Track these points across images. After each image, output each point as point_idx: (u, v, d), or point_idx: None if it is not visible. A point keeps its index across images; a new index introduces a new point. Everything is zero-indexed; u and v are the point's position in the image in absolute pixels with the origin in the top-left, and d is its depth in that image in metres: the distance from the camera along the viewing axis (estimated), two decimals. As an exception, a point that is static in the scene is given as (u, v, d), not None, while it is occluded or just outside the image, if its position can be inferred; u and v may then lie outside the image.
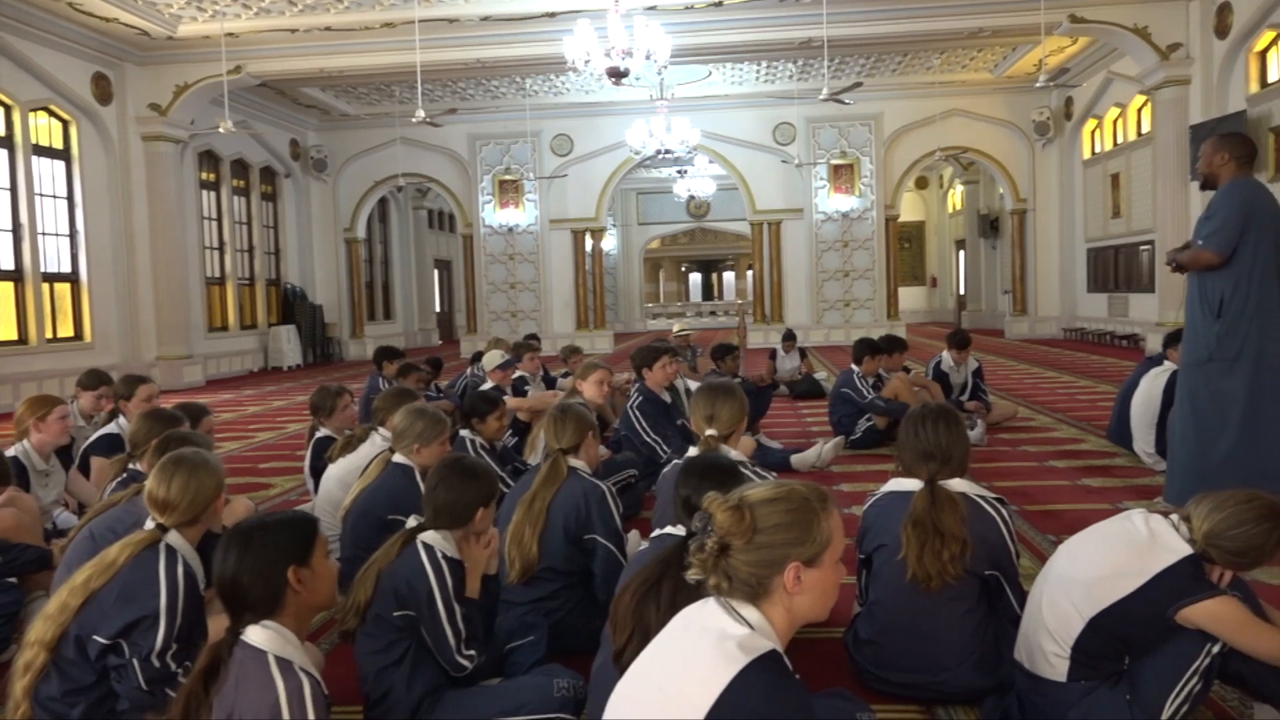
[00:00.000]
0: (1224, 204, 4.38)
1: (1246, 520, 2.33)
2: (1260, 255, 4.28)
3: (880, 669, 2.85)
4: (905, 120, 18.93)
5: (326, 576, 2.10)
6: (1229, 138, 4.59)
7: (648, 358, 5.96)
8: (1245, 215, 4.29)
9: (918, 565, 2.69)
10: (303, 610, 2.05)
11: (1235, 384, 4.33)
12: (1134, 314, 16.20)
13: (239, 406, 11.83)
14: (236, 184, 17.86)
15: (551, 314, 20.18)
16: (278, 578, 1.98)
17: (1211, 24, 12.87)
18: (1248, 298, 4.27)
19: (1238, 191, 4.39)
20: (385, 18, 13.22)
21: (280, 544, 2.01)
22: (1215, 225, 4.35)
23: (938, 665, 2.75)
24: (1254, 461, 4.30)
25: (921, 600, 2.74)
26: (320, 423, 5.12)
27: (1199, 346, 4.47)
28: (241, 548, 1.99)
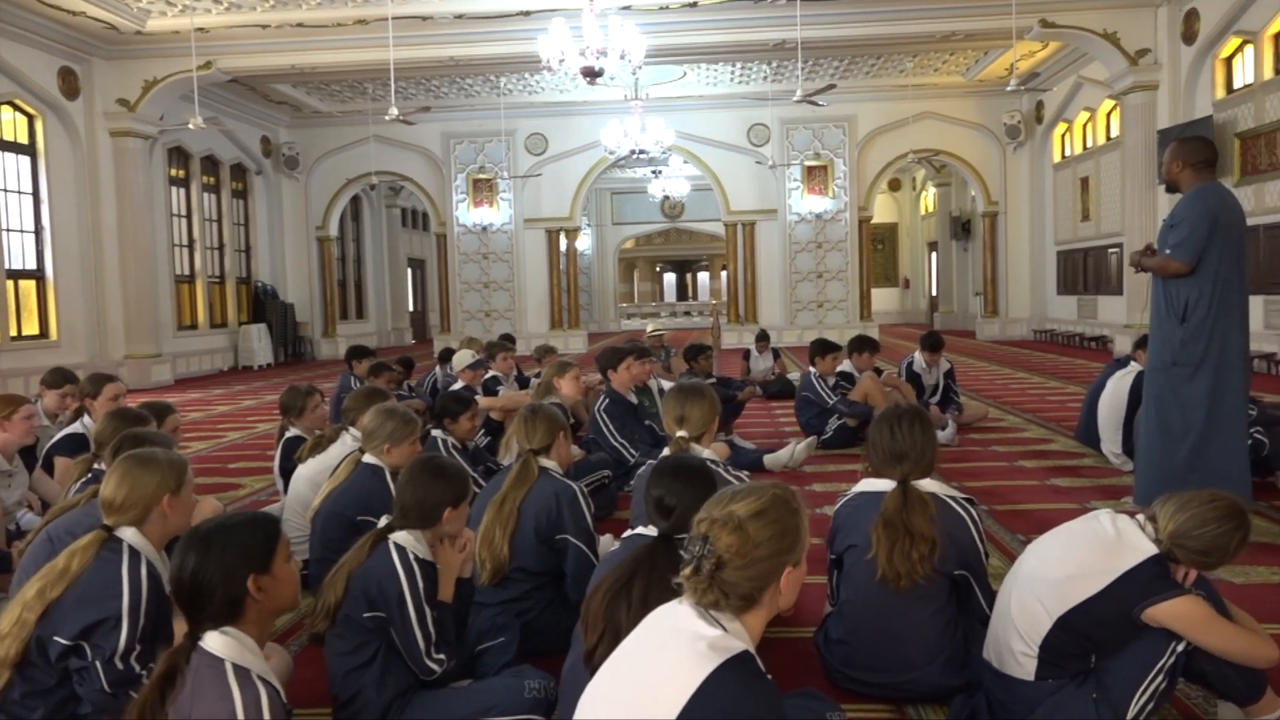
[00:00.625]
0: (1189, 212, 4.42)
1: (1210, 520, 2.36)
2: (1224, 262, 4.34)
3: (851, 668, 2.86)
4: (878, 122, 19.05)
5: (288, 581, 2.04)
6: (1187, 143, 4.64)
7: (612, 359, 5.95)
8: (1210, 223, 4.34)
9: (887, 565, 2.71)
10: (263, 616, 1.99)
11: (1198, 388, 4.39)
12: (1103, 316, 16.40)
13: (208, 406, 11.70)
14: (207, 181, 17.67)
15: (526, 314, 20.13)
16: (237, 586, 1.91)
17: (1179, 30, 13.06)
18: (1211, 304, 4.33)
19: (1202, 199, 4.43)
20: (358, 14, 13.12)
21: (240, 550, 1.94)
22: (1182, 234, 4.39)
23: (907, 664, 2.76)
24: (1214, 464, 4.36)
25: (892, 600, 2.75)
26: (290, 423, 5.07)
27: (1164, 350, 4.52)
28: (200, 553, 1.92)
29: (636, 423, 5.87)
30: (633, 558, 2.27)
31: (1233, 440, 4.40)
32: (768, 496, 1.79)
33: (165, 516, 2.62)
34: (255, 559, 1.95)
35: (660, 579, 2.15)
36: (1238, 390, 4.40)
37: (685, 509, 2.40)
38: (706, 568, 1.72)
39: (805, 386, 7.27)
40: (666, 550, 2.31)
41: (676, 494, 2.48)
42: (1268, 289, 11.38)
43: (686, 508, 2.39)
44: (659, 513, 2.50)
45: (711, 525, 1.75)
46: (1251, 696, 2.44)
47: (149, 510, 2.59)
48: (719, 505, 1.79)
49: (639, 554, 2.28)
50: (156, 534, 2.61)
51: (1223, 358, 4.35)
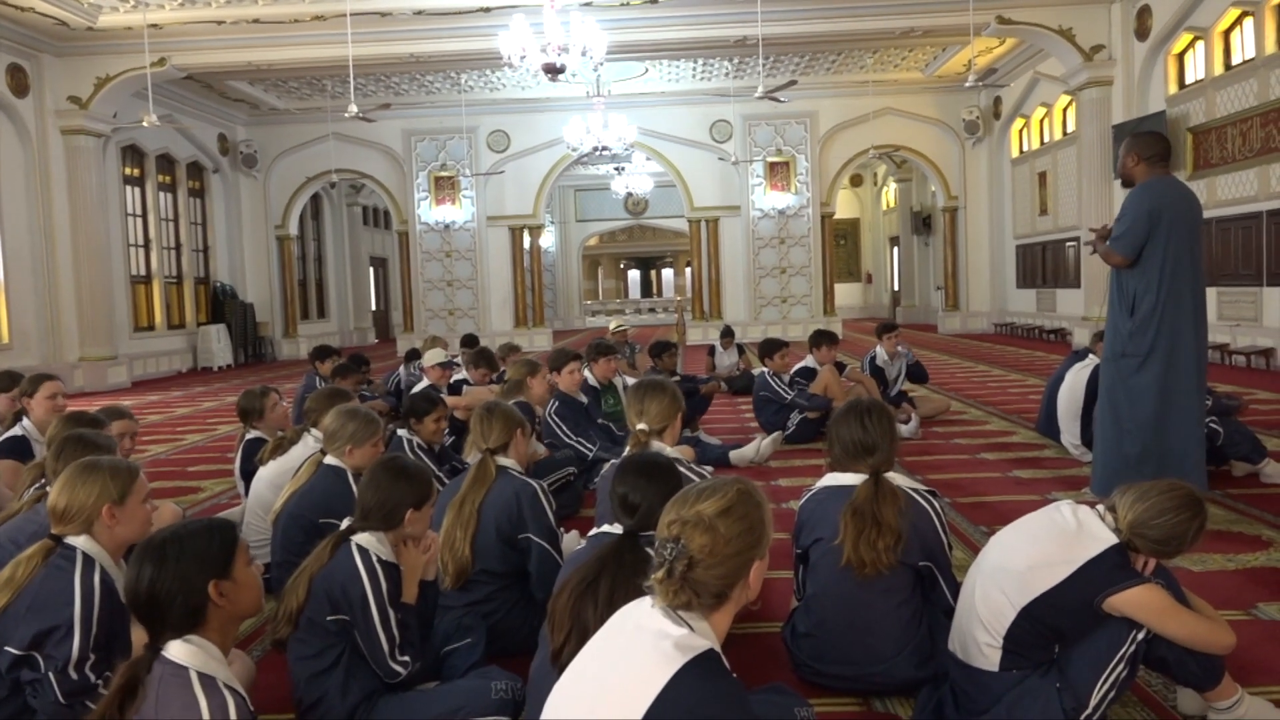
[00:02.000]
0: (1131, 206, 4.51)
1: (1168, 509, 2.39)
2: (1171, 254, 4.40)
3: (818, 661, 2.87)
4: (839, 118, 19.17)
5: (250, 585, 2.00)
6: (1140, 138, 4.72)
7: (558, 362, 5.96)
8: (1151, 216, 4.41)
9: (853, 552, 2.72)
10: (226, 623, 1.95)
11: (1146, 379, 4.46)
12: (1061, 309, 16.64)
13: (167, 408, 11.50)
14: (162, 179, 17.37)
15: (489, 311, 20.02)
16: (197, 593, 1.87)
17: (1132, 26, 13.27)
18: (1159, 296, 4.40)
19: (1146, 193, 4.51)
20: (315, 10, 12.96)
21: (198, 557, 1.90)
22: (1123, 227, 4.49)
23: (875, 656, 2.78)
24: (1166, 454, 4.43)
25: (858, 592, 2.77)
26: (253, 425, 4.99)
27: (1115, 342, 4.60)
28: (155, 563, 1.87)
29: (588, 421, 5.88)
30: (598, 556, 2.26)
31: (1185, 430, 4.47)
32: (732, 493, 1.79)
33: (109, 527, 2.54)
34: (214, 565, 1.91)
35: (626, 577, 2.16)
36: (1190, 381, 4.47)
37: (650, 506, 2.42)
38: (679, 569, 1.71)
39: (761, 386, 7.31)
40: (632, 548, 2.32)
41: (641, 491, 2.49)
42: (1220, 281, 11.61)
43: (651, 505, 2.41)
44: (624, 510, 2.49)
45: (683, 527, 1.74)
46: (1210, 682, 2.48)
47: (91, 521, 2.52)
48: (685, 505, 1.77)
49: (604, 552, 2.28)
50: (107, 542, 2.55)
51: (1172, 350, 4.42)
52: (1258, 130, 11.00)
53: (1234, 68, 11.58)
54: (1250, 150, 11.15)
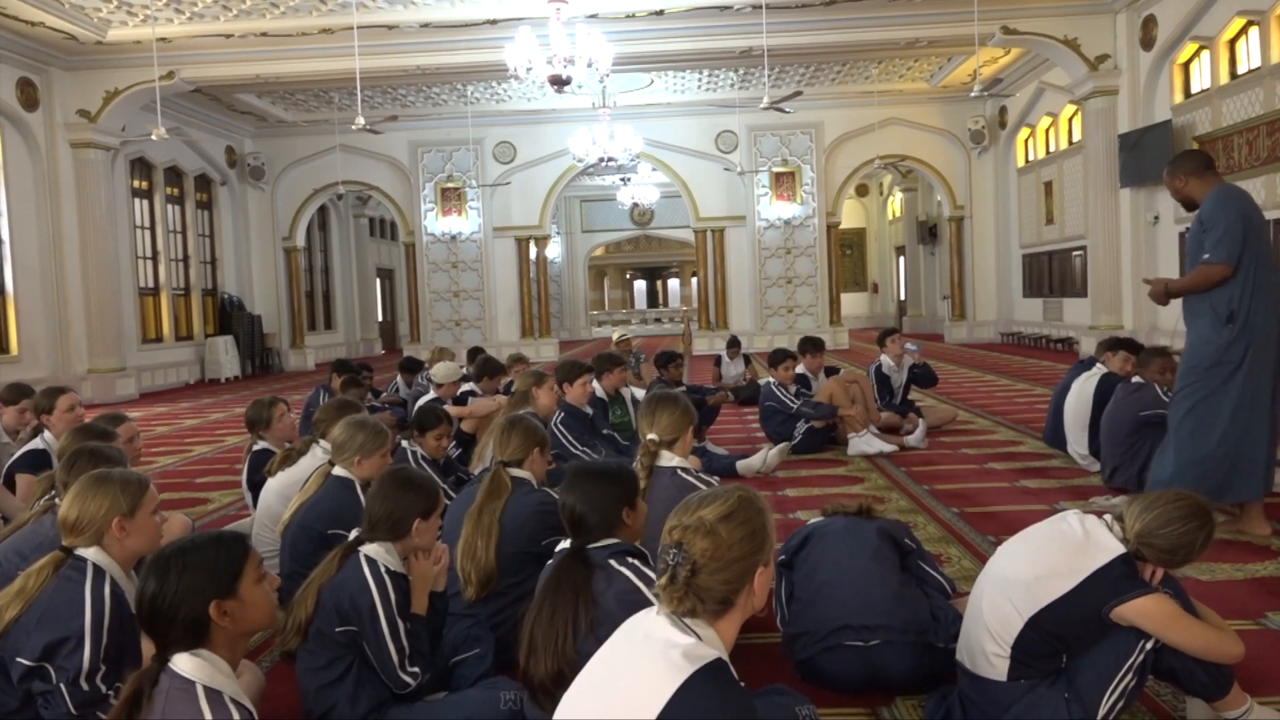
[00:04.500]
0: (1220, 214, 4.26)
1: (1175, 519, 2.40)
2: (1256, 262, 4.24)
3: (820, 627, 2.91)
4: (845, 129, 19.20)
5: (258, 603, 1.97)
6: (1180, 159, 4.53)
7: (568, 373, 5.93)
8: (1244, 222, 4.23)
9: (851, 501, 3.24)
10: (233, 639, 1.94)
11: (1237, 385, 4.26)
12: (1068, 318, 16.61)
13: (174, 420, 11.55)
14: (170, 192, 17.47)
15: (496, 322, 20.06)
16: (198, 613, 1.85)
17: (1138, 36, 13.28)
18: (1252, 304, 4.23)
19: (1231, 200, 4.31)
20: (323, 23, 13.05)
21: (201, 575, 1.88)
22: (1218, 234, 4.22)
23: (872, 607, 2.86)
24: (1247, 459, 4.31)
25: (852, 557, 3.01)
26: (260, 435, 5.00)
27: (1205, 354, 4.35)
28: (159, 577, 1.86)
29: (593, 433, 5.88)
30: (545, 576, 2.45)
31: (1261, 432, 4.33)
32: (734, 499, 1.81)
33: (119, 539, 2.55)
34: (217, 583, 1.89)
35: (564, 599, 2.31)
36: (1268, 384, 4.31)
37: (595, 514, 2.52)
38: (682, 575, 1.72)
39: (767, 396, 7.32)
40: (569, 567, 2.41)
41: (586, 499, 2.55)
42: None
43: (597, 512, 2.52)
44: (570, 524, 2.57)
45: (684, 532, 1.75)
46: (1219, 692, 2.48)
47: (101, 533, 2.53)
48: (687, 512, 1.80)
49: (549, 572, 2.45)
50: (118, 554, 2.56)
51: (1260, 353, 4.24)
52: (1264, 139, 10.99)
53: (1239, 77, 11.58)
54: (1257, 159, 11.14)
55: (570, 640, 2.23)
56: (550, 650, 2.24)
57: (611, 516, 2.54)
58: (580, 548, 2.47)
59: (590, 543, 2.50)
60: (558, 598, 2.30)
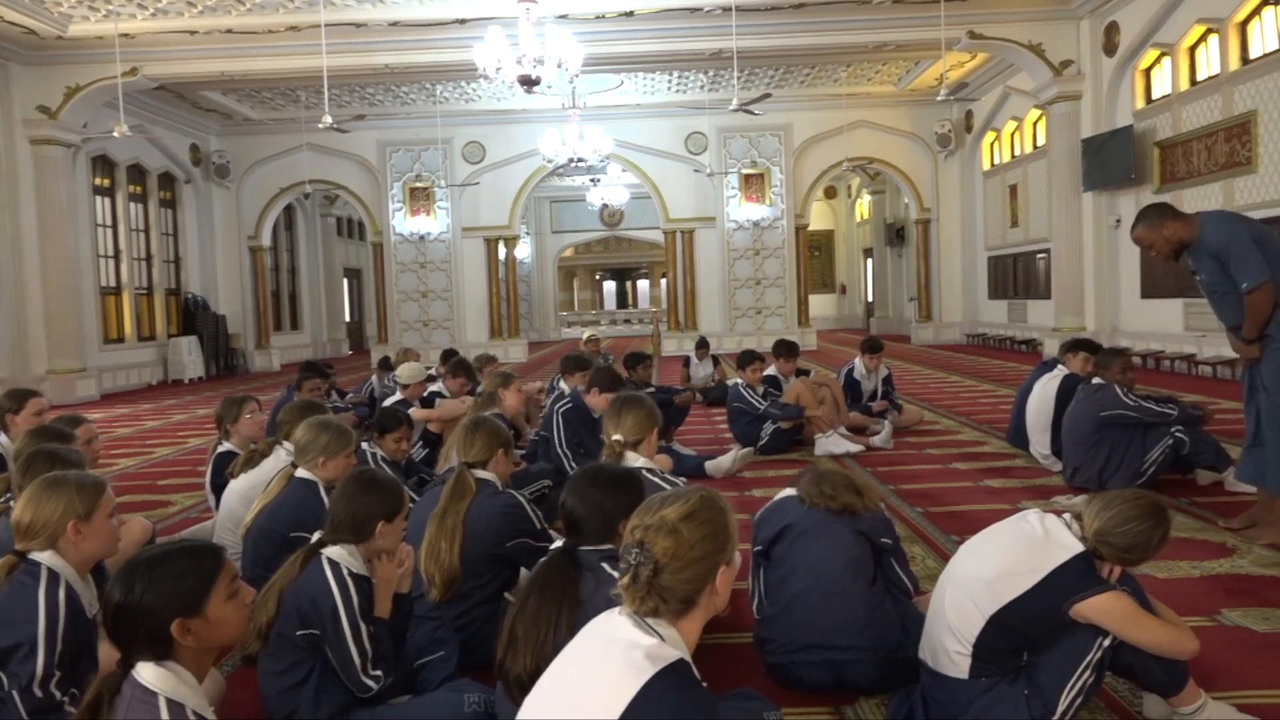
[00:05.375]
0: (1228, 239, 4.16)
1: (1132, 518, 2.44)
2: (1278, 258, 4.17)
3: (788, 635, 2.92)
4: (813, 131, 19.31)
5: (227, 621, 1.90)
6: (1153, 212, 4.41)
7: (600, 380, 5.80)
8: (1252, 235, 4.15)
9: (816, 493, 3.05)
10: (199, 655, 1.88)
11: None
12: (1032, 320, 16.81)
13: (136, 421, 11.38)
14: (133, 190, 17.23)
15: (465, 323, 19.97)
16: (160, 629, 1.80)
17: (1100, 42, 13.48)
18: None
19: (1227, 221, 4.26)
20: (290, 21, 12.92)
21: (166, 591, 1.82)
22: (1240, 260, 4.12)
23: (845, 623, 2.85)
24: None
25: (825, 565, 2.92)
26: (228, 430, 4.94)
27: None
28: (124, 588, 1.81)
29: (591, 436, 5.81)
30: (532, 575, 2.40)
31: None
32: (696, 499, 1.82)
33: (75, 543, 2.50)
34: (182, 601, 1.83)
35: (552, 595, 2.29)
36: None
37: (595, 518, 2.53)
38: (644, 575, 1.73)
39: (735, 397, 7.35)
40: (561, 566, 2.40)
41: (587, 502, 2.56)
42: (1186, 292, 11.78)
43: (596, 516, 2.52)
44: (567, 524, 2.57)
45: (646, 532, 1.76)
46: (1174, 688, 2.52)
47: (56, 536, 2.48)
48: (650, 512, 1.81)
49: (537, 571, 2.41)
50: (73, 558, 2.51)
51: None
52: (1222, 145, 11.19)
53: (1199, 83, 11.79)
54: (1215, 165, 11.34)
55: (551, 638, 2.23)
56: (530, 647, 2.23)
57: (610, 524, 2.54)
58: (572, 548, 2.47)
59: (584, 545, 2.50)
60: (544, 595, 2.30)
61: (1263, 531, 4.33)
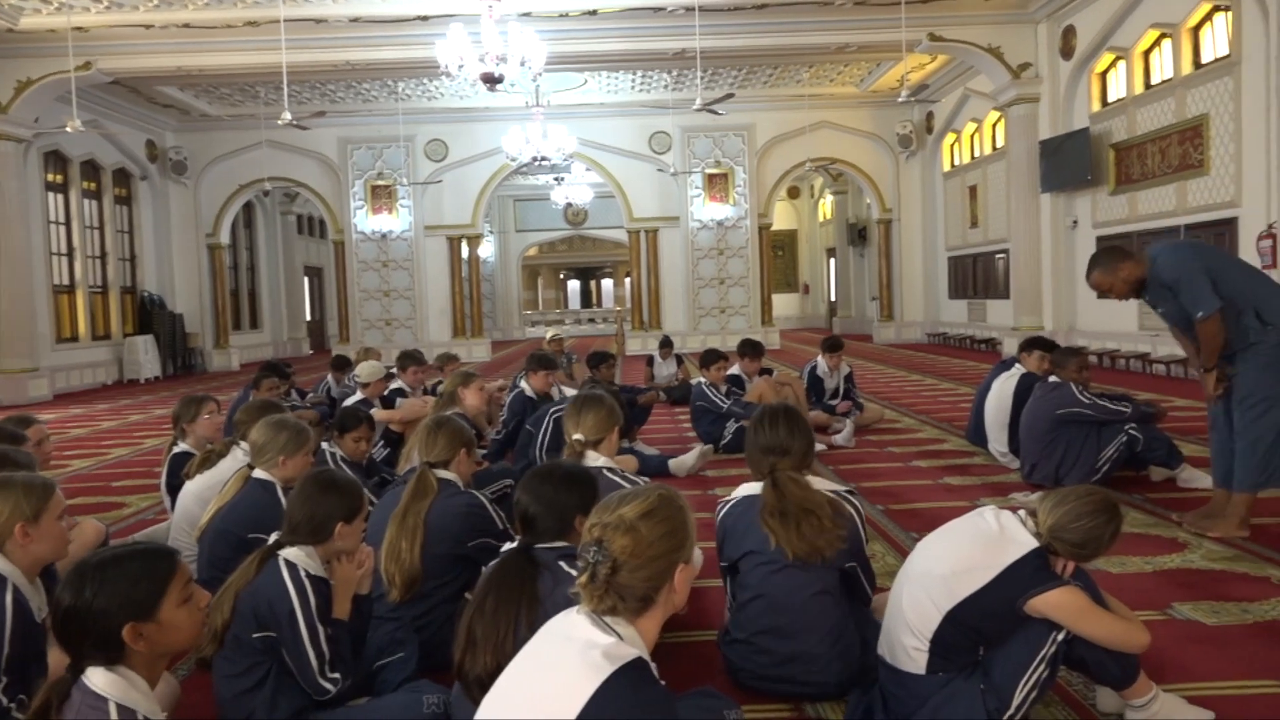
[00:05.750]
0: (1179, 270, 4.25)
1: (1085, 514, 2.48)
2: (1237, 279, 4.25)
3: (751, 665, 2.90)
4: (776, 131, 19.42)
5: (180, 626, 1.87)
6: (1108, 256, 4.49)
7: (531, 363, 5.84)
8: (1204, 267, 4.21)
9: (800, 545, 2.74)
10: (151, 660, 1.85)
11: None
12: (991, 319, 17.03)
13: (91, 422, 11.17)
14: (87, 186, 16.90)
15: (427, 322, 19.84)
16: (111, 633, 1.77)
17: (1058, 46, 13.68)
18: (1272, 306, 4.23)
19: (1178, 252, 4.35)
20: (248, 16, 12.74)
21: (118, 595, 1.78)
22: (1190, 292, 4.20)
23: (808, 658, 2.81)
24: None
25: (790, 598, 2.82)
26: (184, 429, 4.87)
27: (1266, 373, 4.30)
28: (75, 591, 1.78)
29: None
30: (488, 574, 2.37)
31: None
32: (654, 497, 1.83)
33: (23, 545, 2.45)
34: (134, 605, 1.80)
35: (509, 594, 2.27)
36: None
37: (549, 515, 2.52)
38: (602, 573, 1.73)
39: (698, 396, 7.37)
40: (517, 565, 2.38)
41: (540, 500, 2.55)
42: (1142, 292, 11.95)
43: (550, 514, 2.51)
44: (522, 522, 2.56)
45: (604, 530, 1.76)
46: (1126, 681, 2.56)
47: (3, 539, 2.43)
48: (608, 511, 1.81)
49: (493, 569, 2.38)
50: (21, 561, 2.46)
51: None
52: (1175, 147, 11.41)
53: (1153, 87, 12.01)
54: (1169, 167, 11.55)
55: (510, 638, 2.21)
56: (489, 646, 2.21)
57: (565, 521, 2.53)
58: (528, 546, 2.46)
59: (540, 543, 2.49)
60: (501, 594, 2.28)
61: (1214, 525, 4.42)
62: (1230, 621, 3.33)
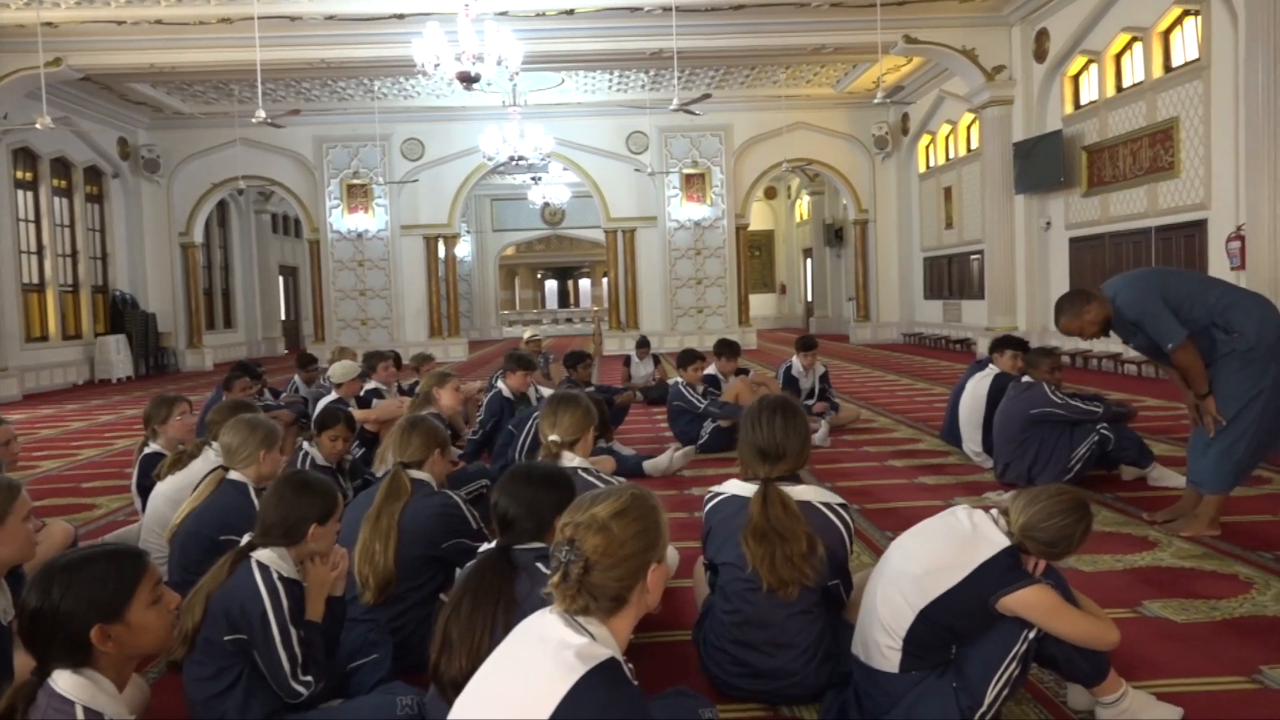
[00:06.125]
0: (1140, 306, 4.30)
1: (1056, 513, 2.50)
2: (1195, 298, 4.29)
3: (728, 674, 2.88)
4: (754, 132, 19.47)
5: (149, 628, 1.85)
6: (1075, 300, 4.51)
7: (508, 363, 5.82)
8: (1162, 299, 4.26)
9: (771, 575, 2.69)
10: (120, 662, 1.83)
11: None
12: (966, 319, 17.15)
13: (61, 422, 11.04)
14: (57, 184, 16.69)
15: (403, 322, 19.74)
16: (79, 635, 1.75)
17: (1031, 49, 13.81)
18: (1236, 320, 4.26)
19: (1135, 287, 4.40)
20: (222, 12, 12.63)
21: (85, 596, 1.76)
22: (1155, 325, 4.25)
23: (786, 671, 2.80)
24: None
25: (770, 614, 2.78)
26: (156, 430, 4.82)
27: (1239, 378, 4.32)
28: (42, 593, 1.75)
29: None
30: (464, 575, 2.36)
31: None
32: (626, 496, 1.83)
33: None
34: (102, 606, 1.78)
35: (486, 596, 2.25)
36: None
37: (527, 516, 2.51)
38: (575, 572, 1.73)
39: (675, 396, 7.38)
40: (494, 566, 2.36)
41: (518, 501, 2.54)
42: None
43: (529, 515, 2.50)
44: (499, 523, 2.55)
45: (576, 529, 1.77)
46: (1097, 678, 2.59)
47: None
48: (580, 510, 1.81)
49: (470, 571, 2.36)
50: None
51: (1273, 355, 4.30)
52: (1146, 150, 11.54)
53: (1124, 90, 12.14)
54: (1140, 169, 11.68)
55: (487, 640, 2.20)
56: (465, 648, 2.20)
57: (543, 522, 2.52)
58: (506, 547, 2.45)
59: (518, 544, 2.48)
60: (478, 596, 2.27)
61: (1185, 524, 4.47)
62: (1199, 619, 3.37)
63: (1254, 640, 3.16)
